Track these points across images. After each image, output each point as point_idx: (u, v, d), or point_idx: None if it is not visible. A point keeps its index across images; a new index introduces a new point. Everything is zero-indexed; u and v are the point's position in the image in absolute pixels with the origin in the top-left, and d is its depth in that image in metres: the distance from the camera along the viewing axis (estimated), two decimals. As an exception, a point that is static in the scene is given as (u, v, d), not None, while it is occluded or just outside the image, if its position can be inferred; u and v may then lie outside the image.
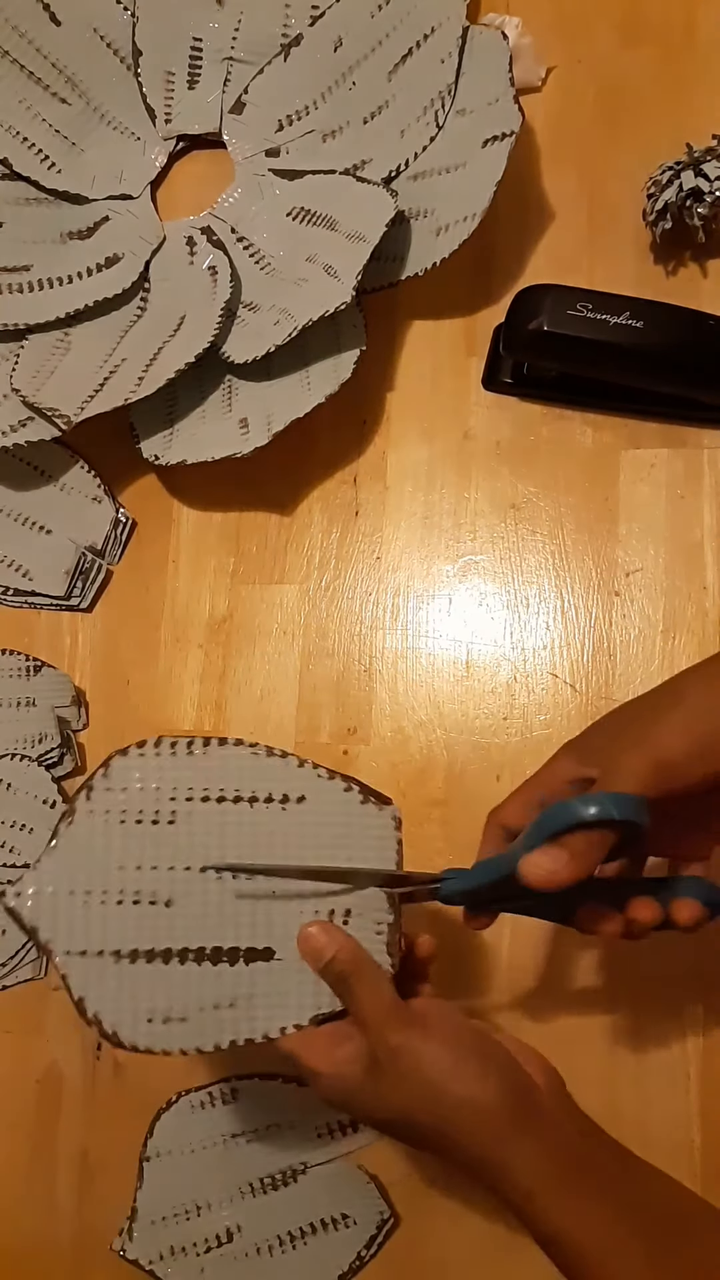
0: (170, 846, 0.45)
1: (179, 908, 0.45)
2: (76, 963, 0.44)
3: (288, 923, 0.46)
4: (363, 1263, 0.58)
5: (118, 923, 0.45)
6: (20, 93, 0.71)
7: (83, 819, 0.45)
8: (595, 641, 0.62)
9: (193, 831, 0.45)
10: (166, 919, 0.45)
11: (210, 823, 0.46)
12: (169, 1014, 0.44)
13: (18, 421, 0.65)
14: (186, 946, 0.45)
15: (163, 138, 0.72)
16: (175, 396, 0.66)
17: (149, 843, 0.45)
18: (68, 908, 0.44)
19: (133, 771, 0.45)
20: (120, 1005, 0.44)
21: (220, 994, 0.45)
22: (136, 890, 0.45)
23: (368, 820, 0.47)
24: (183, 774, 0.46)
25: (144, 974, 0.44)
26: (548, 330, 0.58)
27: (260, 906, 0.46)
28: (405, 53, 0.65)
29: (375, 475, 0.66)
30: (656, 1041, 0.57)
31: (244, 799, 0.46)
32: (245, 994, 0.45)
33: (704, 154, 0.61)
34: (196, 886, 0.45)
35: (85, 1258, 0.61)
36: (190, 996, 0.45)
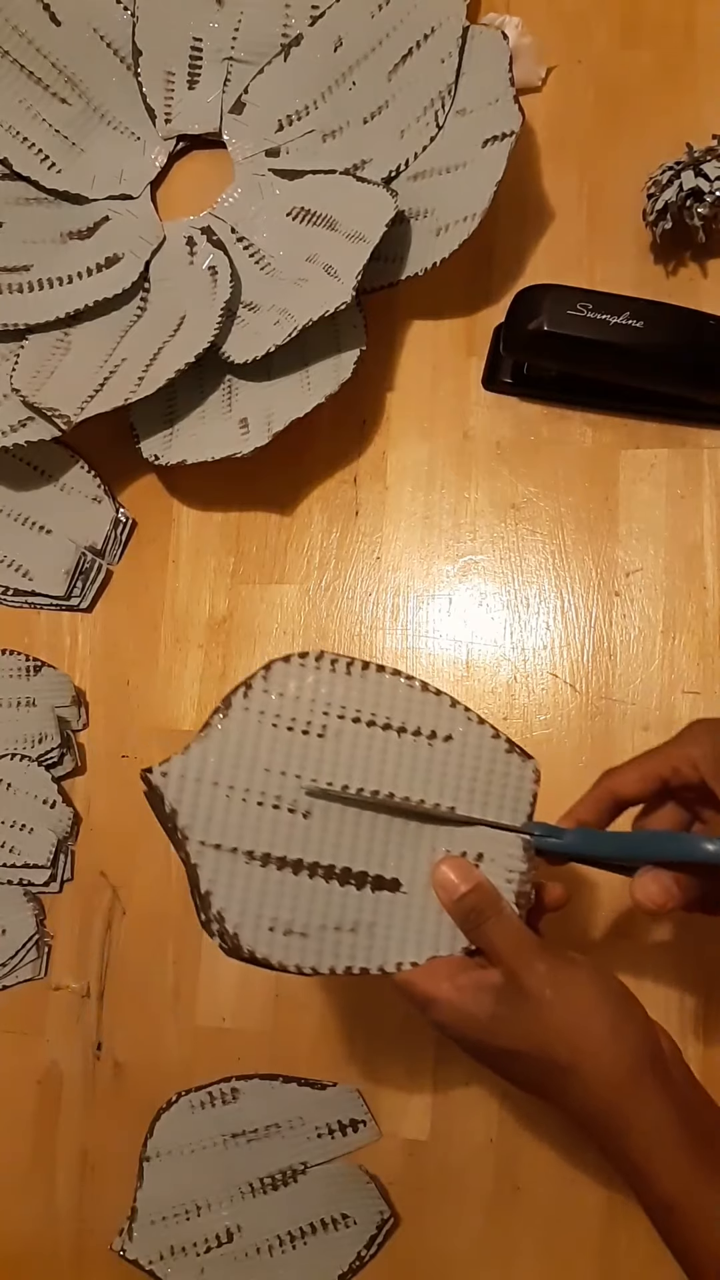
0: (316, 759, 0.45)
1: (315, 821, 0.45)
2: (210, 854, 0.43)
3: (418, 858, 0.46)
4: (363, 1263, 0.58)
5: (255, 823, 0.44)
6: (20, 93, 0.71)
7: (237, 714, 0.44)
8: (595, 641, 0.62)
9: (340, 749, 0.45)
10: (302, 829, 0.45)
11: (358, 744, 0.45)
12: (291, 926, 0.44)
13: (18, 421, 0.65)
14: (318, 861, 0.45)
15: (163, 138, 0.72)
16: (175, 396, 0.66)
17: (297, 751, 0.45)
18: (209, 797, 0.44)
19: (291, 679, 0.45)
20: (246, 907, 0.44)
21: (344, 916, 0.45)
22: (278, 795, 0.44)
23: (510, 770, 0.47)
24: (338, 691, 0.45)
25: (273, 879, 0.44)
26: (548, 330, 0.58)
27: (394, 836, 0.46)
28: (405, 53, 0.65)
29: (375, 475, 0.66)
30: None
31: (393, 727, 0.46)
32: (368, 921, 0.45)
33: (704, 154, 0.61)
34: (335, 806, 0.45)
35: (85, 1258, 0.61)
36: (315, 912, 0.44)
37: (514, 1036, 0.42)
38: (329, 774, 0.45)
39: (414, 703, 0.46)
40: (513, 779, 0.47)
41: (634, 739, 0.60)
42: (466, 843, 0.46)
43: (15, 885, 0.64)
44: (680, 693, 0.60)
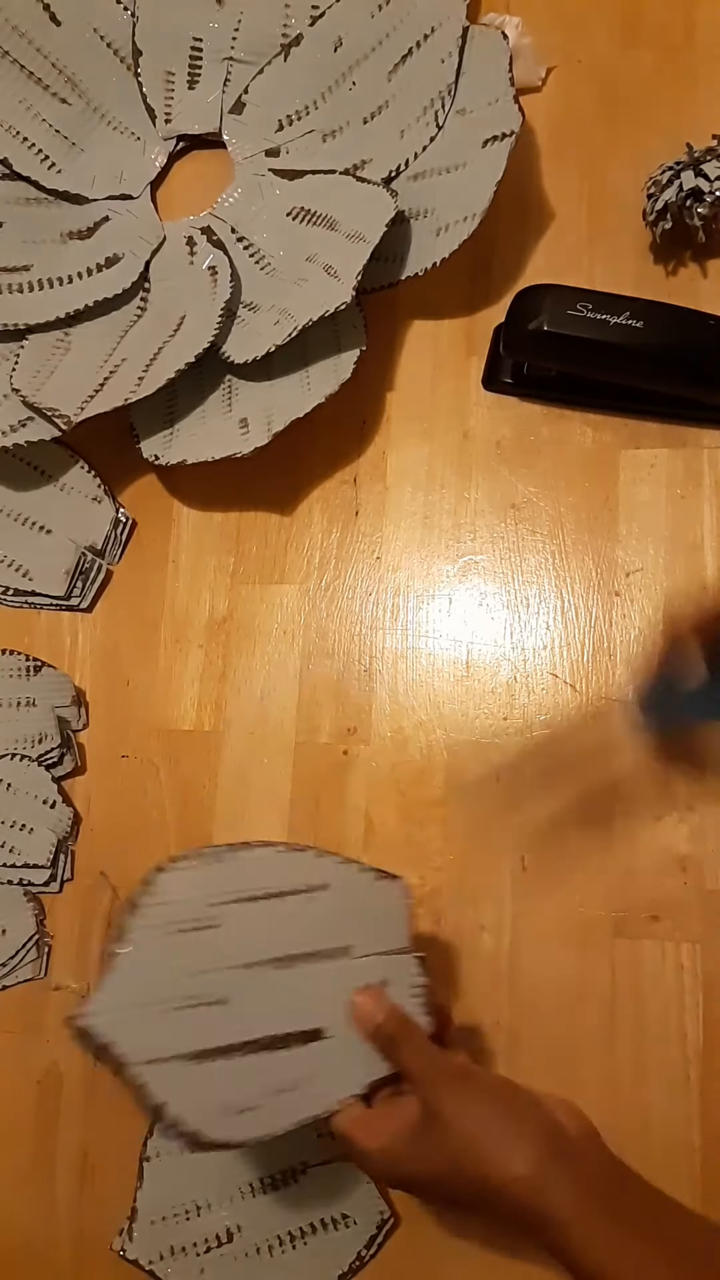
0: (216, 949, 0.48)
1: (234, 1004, 0.48)
2: (152, 1070, 0.46)
3: (332, 1001, 0.49)
4: (363, 1263, 0.58)
5: (183, 1027, 0.47)
6: (20, 93, 0.71)
7: (135, 936, 0.47)
8: (595, 641, 0.62)
9: (234, 931, 0.48)
10: (224, 1016, 0.48)
11: (248, 920, 0.49)
12: (243, 1105, 0.47)
13: (18, 421, 0.65)
14: (246, 1039, 0.48)
15: (163, 138, 0.72)
16: (175, 396, 0.66)
17: (197, 949, 0.48)
18: (136, 1021, 0.47)
19: (173, 884, 0.48)
20: (199, 1105, 0.47)
21: (283, 1078, 0.48)
22: (193, 995, 0.47)
23: (384, 894, 0.51)
24: (215, 880, 0.48)
25: (214, 1071, 0.47)
26: (548, 330, 0.58)
27: (304, 990, 0.49)
28: (405, 52, 0.65)
29: (375, 475, 0.66)
30: (656, 1043, 0.57)
31: (273, 894, 0.49)
32: (306, 1074, 0.48)
33: (704, 154, 0.61)
34: (246, 981, 0.48)
35: (85, 1258, 0.61)
36: (257, 1085, 0.47)
37: (431, 1161, 0.45)
38: (231, 958, 0.48)
39: (285, 866, 0.50)
40: (389, 901, 0.51)
41: (634, 739, 0.60)
42: (369, 974, 0.49)
43: (15, 885, 0.64)
44: (680, 693, 0.60)
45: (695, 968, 0.57)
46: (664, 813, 0.59)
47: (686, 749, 0.60)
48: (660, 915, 0.58)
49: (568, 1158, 0.44)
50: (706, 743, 0.60)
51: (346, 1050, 0.48)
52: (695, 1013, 0.57)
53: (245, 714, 0.65)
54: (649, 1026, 0.57)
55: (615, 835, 0.59)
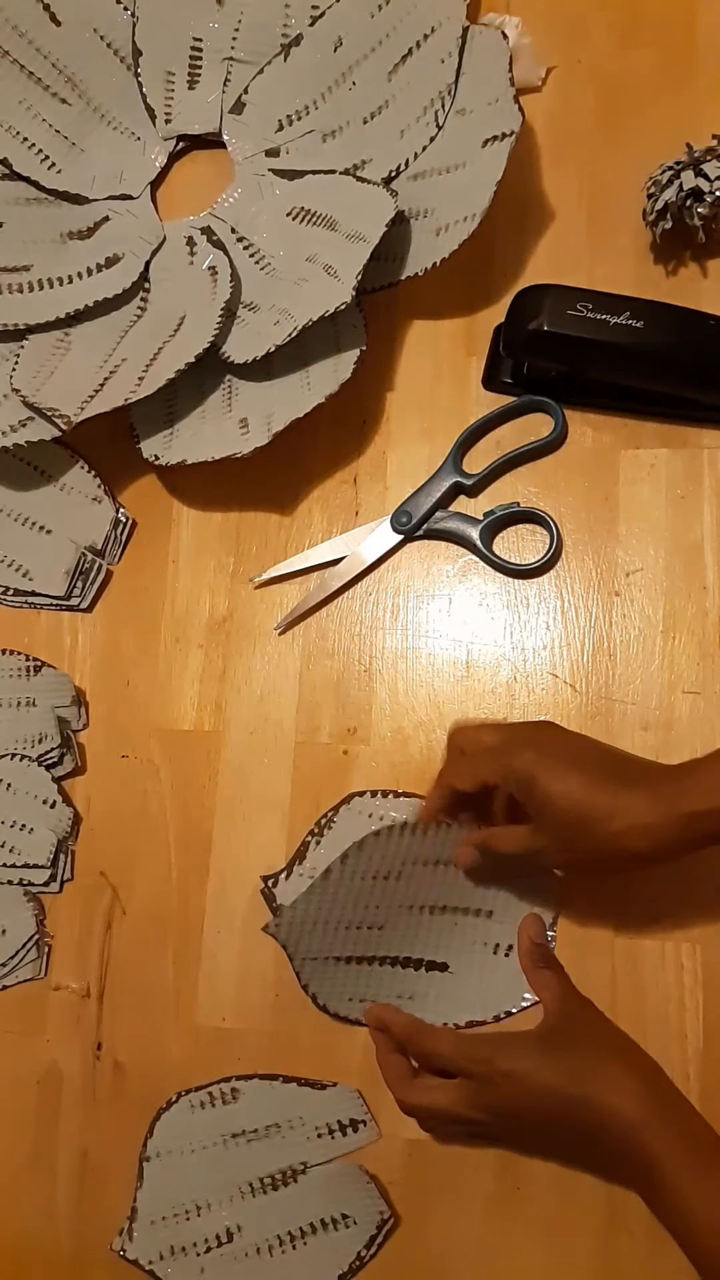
0: (391, 893, 0.59)
1: (388, 930, 0.59)
2: (309, 965, 0.60)
3: (464, 949, 0.59)
4: (362, 1262, 0.57)
5: (342, 940, 0.59)
6: (20, 93, 0.71)
7: (335, 874, 0.59)
8: (595, 641, 0.62)
9: (410, 882, 0.59)
10: (377, 937, 0.59)
11: (423, 877, 0.59)
12: (364, 996, 0.59)
13: (18, 421, 0.65)
14: (386, 955, 0.59)
15: (163, 138, 0.72)
16: (175, 396, 0.66)
17: (378, 891, 0.59)
18: (311, 932, 0.59)
19: (379, 848, 0.58)
20: (332, 990, 0.60)
21: (404, 988, 0.59)
22: (360, 919, 0.59)
23: (534, 875, 0.59)
24: (409, 846, 0.58)
25: (353, 971, 0.60)
26: (547, 330, 0.58)
27: (446, 932, 0.59)
28: (405, 53, 0.65)
29: (375, 475, 0.66)
30: (657, 1045, 0.57)
31: (440, 862, 0.59)
32: (423, 991, 0.59)
33: (704, 154, 0.61)
34: (404, 917, 0.59)
35: (85, 1257, 0.61)
36: (383, 987, 0.59)
37: (558, 1077, 0.50)
38: (400, 900, 0.59)
39: (451, 839, 0.58)
40: (535, 887, 0.59)
41: (634, 739, 0.60)
42: (503, 936, 0.59)
43: (15, 885, 0.64)
44: (680, 693, 0.60)
45: (695, 968, 0.57)
46: (664, 813, 0.59)
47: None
48: (661, 916, 0.58)
49: (678, 1112, 0.49)
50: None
51: (464, 987, 0.59)
52: (695, 1013, 0.57)
53: (245, 714, 0.65)
54: (649, 1026, 0.57)
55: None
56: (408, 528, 0.64)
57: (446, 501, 0.64)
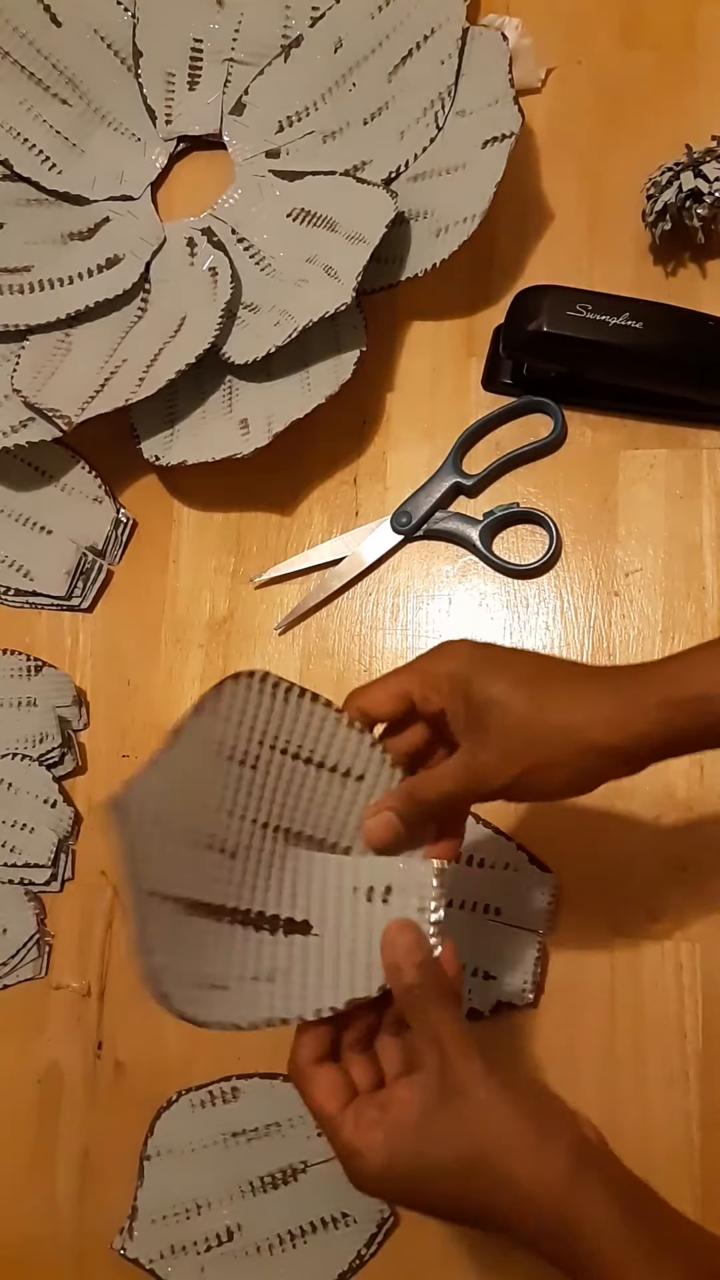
0: (246, 793, 0.45)
1: (239, 860, 0.45)
2: (150, 904, 0.42)
3: (326, 897, 0.46)
4: (363, 1261, 0.58)
5: (190, 866, 0.43)
6: (21, 94, 0.71)
7: (186, 738, 0.43)
8: (595, 641, 0.62)
9: (268, 781, 0.45)
10: (227, 871, 0.44)
11: (284, 778, 0.45)
12: (214, 980, 0.43)
13: (19, 422, 0.65)
14: (238, 906, 0.45)
15: (163, 139, 0.72)
16: (176, 397, 0.66)
17: (230, 783, 0.44)
18: (154, 837, 0.42)
19: (238, 701, 0.44)
20: (179, 963, 0.43)
21: (260, 965, 0.44)
22: (210, 833, 0.44)
23: None
24: (278, 720, 0.45)
25: (199, 931, 0.43)
26: (547, 331, 0.58)
27: (304, 876, 0.46)
28: (405, 54, 0.66)
29: (375, 476, 0.67)
30: (657, 1045, 0.57)
31: (314, 762, 0.45)
32: (283, 968, 0.44)
33: (703, 155, 0.61)
34: (256, 842, 0.45)
35: (86, 1257, 0.61)
36: (234, 963, 0.44)
37: (447, 1147, 0.39)
38: (254, 809, 0.45)
39: (338, 738, 0.46)
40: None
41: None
42: (376, 877, 0.45)
43: (16, 884, 0.64)
44: (680, 693, 0.60)
45: (695, 968, 0.57)
46: (664, 813, 0.59)
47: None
48: (660, 916, 0.58)
49: (599, 1171, 0.39)
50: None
51: (335, 956, 0.44)
52: (695, 1013, 0.57)
53: (245, 714, 0.65)
54: (649, 1027, 0.57)
55: (615, 835, 0.59)
56: (408, 528, 0.64)
57: (446, 502, 0.64)
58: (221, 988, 0.43)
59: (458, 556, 0.64)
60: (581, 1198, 0.38)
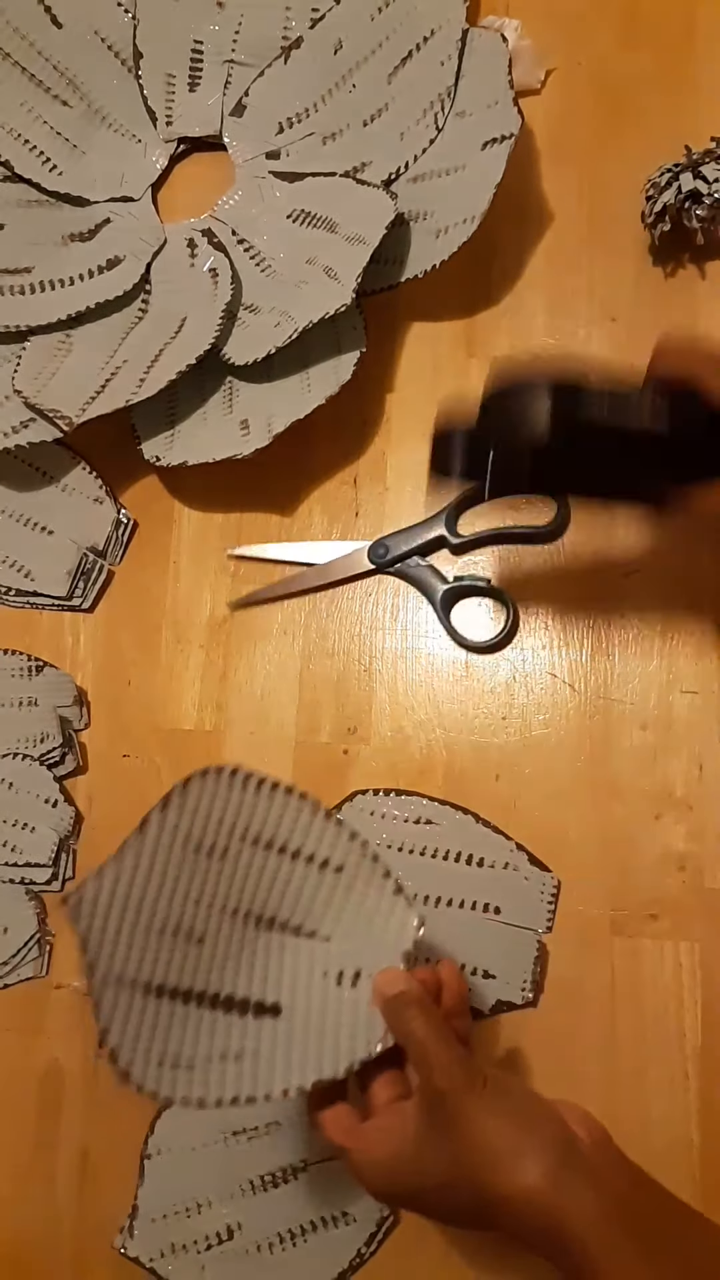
0: (214, 881, 0.46)
1: (207, 947, 0.46)
2: (109, 991, 0.45)
3: (297, 981, 0.47)
4: (363, 1260, 0.58)
5: (153, 954, 0.46)
6: (21, 95, 0.71)
7: (153, 832, 0.46)
8: (594, 641, 0.62)
9: (238, 870, 0.47)
10: (194, 956, 0.46)
11: (255, 866, 0.47)
12: (178, 1059, 0.45)
13: (19, 423, 0.65)
14: (205, 990, 0.46)
15: (163, 140, 0.72)
16: (176, 398, 0.66)
17: (199, 872, 0.46)
18: (115, 926, 0.45)
19: (205, 795, 0.46)
20: (138, 1044, 0.45)
21: (226, 1045, 0.46)
22: (177, 922, 0.46)
23: (395, 911, 0.48)
24: (248, 811, 0.47)
25: (164, 1013, 0.45)
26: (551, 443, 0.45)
27: (275, 960, 0.47)
28: (405, 55, 0.66)
29: (375, 475, 0.67)
30: (657, 1045, 0.57)
31: (289, 851, 0.47)
32: (250, 1049, 0.46)
33: (702, 156, 0.62)
34: (225, 928, 0.47)
35: (86, 1255, 0.61)
36: (201, 1043, 0.46)
37: (437, 1167, 0.41)
38: (222, 897, 0.47)
39: (314, 829, 0.47)
40: (395, 921, 0.47)
41: (632, 738, 0.60)
42: (346, 962, 0.47)
43: (17, 884, 0.65)
44: (679, 692, 0.60)
45: (695, 967, 0.58)
46: (663, 811, 0.59)
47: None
48: (660, 914, 0.58)
49: (584, 1170, 0.40)
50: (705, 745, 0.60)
51: (303, 1036, 0.46)
52: (695, 1012, 0.57)
53: (245, 714, 0.65)
54: (649, 1026, 0.57)
55: (614, 834, 0.59)
56: (382, 561, 0.64)
57: (426, 551, 0.64)
58: (187, 1067, 0.45)
59: (457, 557, 0.65)
60: (565, 1198, 0.39)
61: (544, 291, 0.66)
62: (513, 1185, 0.40)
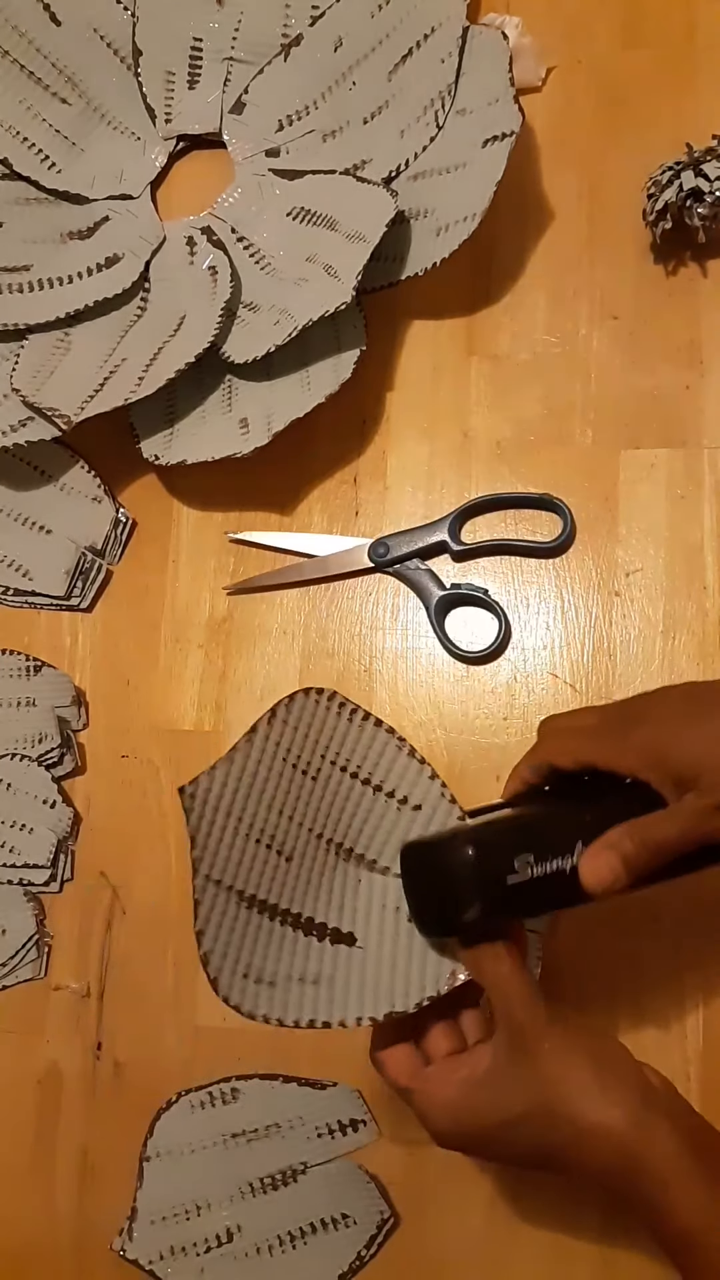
0: (305, 800, 0.48)
1: (294, 866, 0.48)
2: (210, 890, 0.46)
3: (370, 914, 0.48)
4: (363, 1262, 0.58)
5: (250, 861, 0.47)
6: (21, 93, 0.71)
7: (259, 741, 0.47)
8: (595, 641, 0.62)
9: (326, 795, 0.48)
10: (283, 873, 0.47)
11: (342, 795, 0.48)
12: (261, 974, 0.46)
13: (18, 421, 0.65)
14: (289, 909, 0.47)
15: (163, 138, 0.72)
16: (175, 396, 0.66)
17: (293, 790, 0.47)
18: (220, 828, 0.46)
19: (306, 713, 0.48)
20: (228, 952, 0.46)
21: (308, 967, 0.47)
22: (272, 834, 0.47)
23: None
24: (340, 739, 0.48)
25: (254, 925, 0.47)
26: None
27: (351, 891, 0.48)
28: (405, 53, 0.65)
29: (375, 475, 0.66)
30: (656, 1043, 0.57)
31: (373, 785, 0.49)
32: (328, 974, 0.47)
33: (704, 154, 0.61)
34: (311, 850, 0.48)
35: (85, 1257, 0.61)
36: (282, 961, 0.47)
37: (513, 1101, 0.42)
38: (311, 819, 0.48)
39: (397, 765, 0.49)
40: None
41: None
42: None
43: (15, 885, 0.64)
44: (680, 693, 0.60)
45: (695, 968, 0.57)
46: (664, 813, 0.59)
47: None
48: (660, 915, 0.58)
49: (663, 1111, 0.42)
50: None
51: (376, 969, 0.47)
52: (695, 1013, 0.57)
53: (245, 714, 0.65)
54: (649, 1026, 0.57)
55: (615, 835, 0.59)
56: (382, 560, 0.64)
57: (427, 554, 0.64)
58: (269, 983, 0.46)
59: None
60: (647, 1136, 0.40)
61: (544, 289, 0.66)
62: (594, 1119, 0.41)
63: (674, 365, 0.64)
